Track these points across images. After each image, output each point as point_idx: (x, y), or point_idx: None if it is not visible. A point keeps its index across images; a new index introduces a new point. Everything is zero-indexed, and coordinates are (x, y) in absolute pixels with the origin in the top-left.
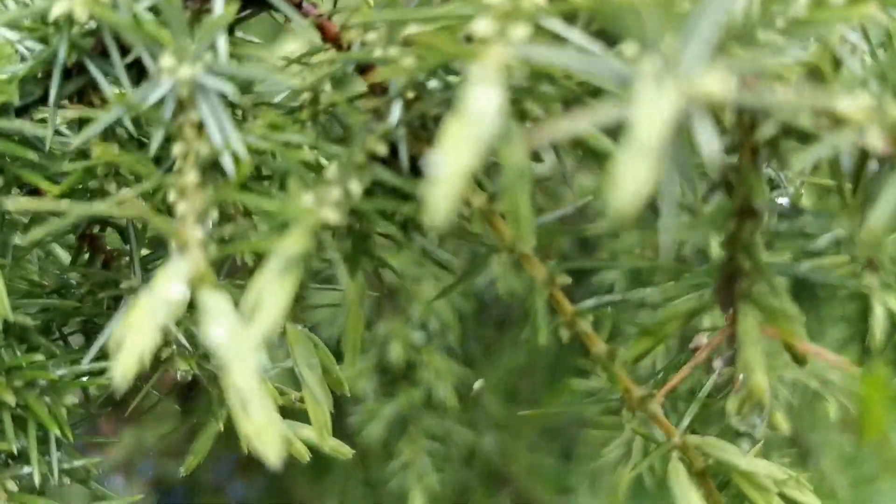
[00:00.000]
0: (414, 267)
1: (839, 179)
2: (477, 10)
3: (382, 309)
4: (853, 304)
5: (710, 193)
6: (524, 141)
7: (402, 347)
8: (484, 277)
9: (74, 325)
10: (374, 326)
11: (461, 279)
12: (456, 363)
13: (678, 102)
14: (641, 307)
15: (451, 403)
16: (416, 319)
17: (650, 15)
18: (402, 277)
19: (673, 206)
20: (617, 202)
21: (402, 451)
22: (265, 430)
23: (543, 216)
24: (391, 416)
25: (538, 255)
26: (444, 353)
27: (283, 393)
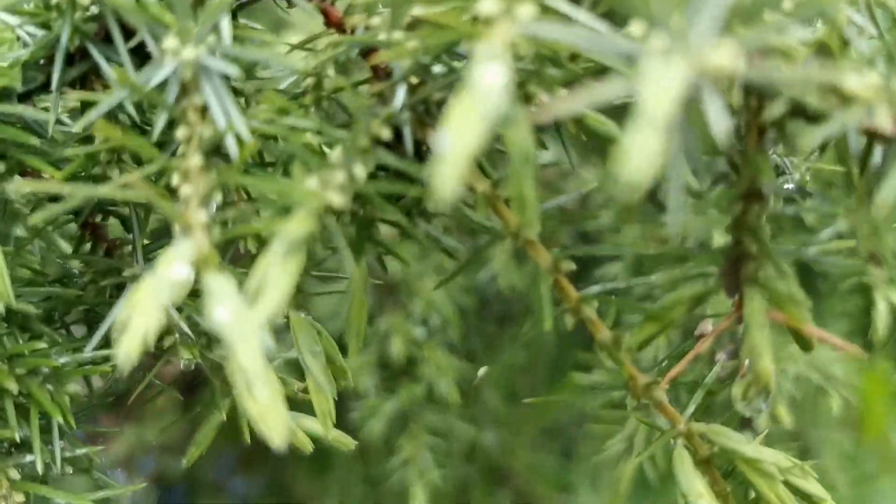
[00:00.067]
0: (415, 262)
1: (846, 161)
2: None
3: (384, 304)
4: (855, 299)
5: (715, 184)
6: (530, 121)
7: (403, 343)
8: (485, 273)
9: (77, 314)
10: (375, 321)
11: (464, 266)
12: (457, 359)
13: (687, 76)
14: (645, 299)
15: (452, 399)
16: (417, 315)
17: None
18: (406, 264)
19: (680, 187)
20: (626, 175)
21: (402, 447)
22: (270, 411)
23: (546, 203)
24: (392, 412)
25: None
26: (445, 348)
27: (285, 383)
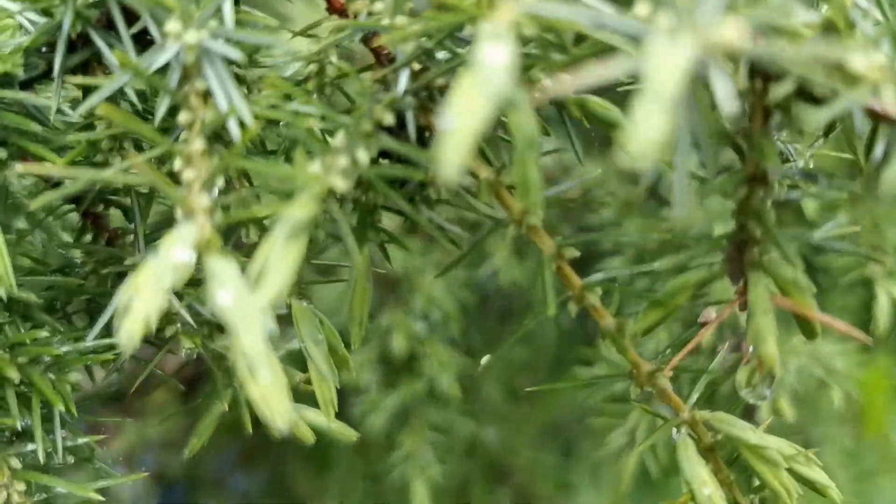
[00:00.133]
0: (417, 258)
1: (851, 143)
2: None
3: (385, 300)
4: (856, 293)
5: (720, 175)
6: (535, 101)
7: (404, 339)
8: (486, 269)
9: (78, 303)
10: (376, 317)
11: (467, 254)
12: (458, 354)
13: (694, 52)
14: (648, 292)
15: (453, 395)
16: (418, 311)
17: None
18: (408, 249)
19: (686, 170)
20: (633, 147)
21: (403, 442)
22: (272, 393)
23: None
24: (393, 407)
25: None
26: (446, 344)
27: (287, 374)
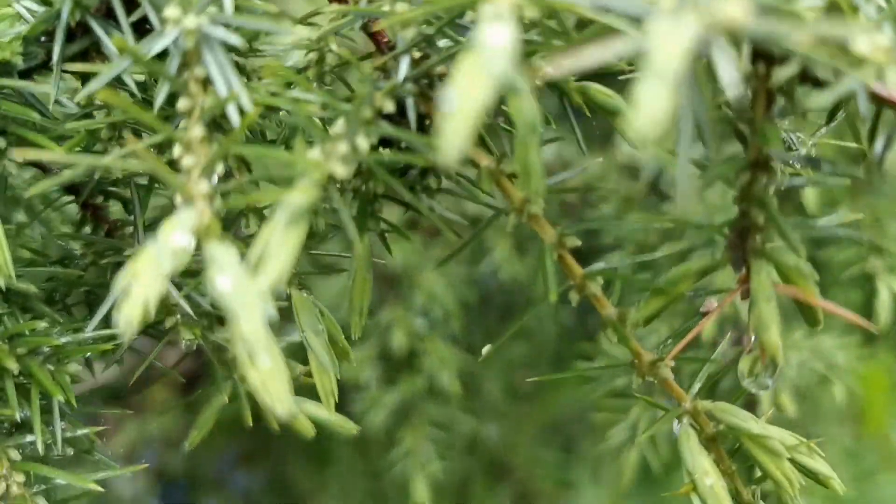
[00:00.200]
0: (416, 255)
1: (855, 126)
2: None
3: (385, 297)
4: (856, 289)
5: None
6: (538, 78)
7: (404, 335)
8: (487, 265)
9: (78, 295)
10: (376, 314)
11: (468, 242)
12: (458, 351)
13: (697, 30)
14: (648, 284)
15: (453, 391)
16: (418, 307)
17: None
18: (411, 240)
19: (688, 156)
20: (637, 125)
21: (404, 438)
22: (272, 379)
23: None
24: (393, 403)
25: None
26: (446, 341)
27: (288, 367)
